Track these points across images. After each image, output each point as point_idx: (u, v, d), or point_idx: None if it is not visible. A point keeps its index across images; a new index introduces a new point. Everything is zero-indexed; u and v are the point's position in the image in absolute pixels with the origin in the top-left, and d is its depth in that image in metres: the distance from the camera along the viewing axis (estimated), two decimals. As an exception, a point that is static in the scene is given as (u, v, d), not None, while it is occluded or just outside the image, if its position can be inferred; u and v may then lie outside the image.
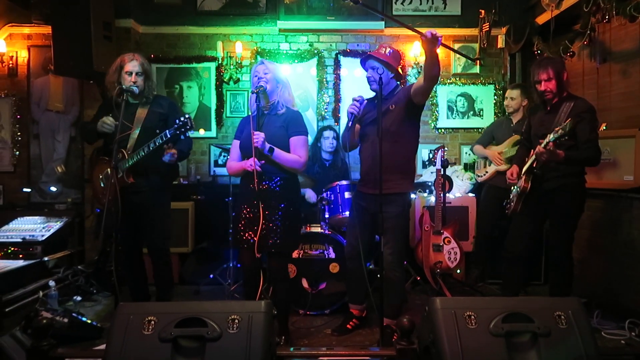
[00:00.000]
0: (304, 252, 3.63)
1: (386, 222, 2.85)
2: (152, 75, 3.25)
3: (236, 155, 3.03)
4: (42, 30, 4.82)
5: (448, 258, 3.91)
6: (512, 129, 4.18)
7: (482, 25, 4.76)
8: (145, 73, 3.14)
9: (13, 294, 3.27)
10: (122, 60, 3.12)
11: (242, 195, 2.96)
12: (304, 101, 5.03)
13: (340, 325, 3.31)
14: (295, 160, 2.89)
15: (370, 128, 3.00)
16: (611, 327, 3.27)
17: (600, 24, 3.71)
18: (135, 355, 1.61)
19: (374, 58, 2.97)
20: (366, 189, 3.08)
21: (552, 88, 3.03)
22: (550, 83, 3.02)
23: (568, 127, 2.72)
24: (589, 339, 1.65)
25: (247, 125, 2.93)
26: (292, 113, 2.97)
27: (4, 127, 4.95)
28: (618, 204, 3.56)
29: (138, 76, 3.09)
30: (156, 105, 3.20)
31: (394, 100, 2.99)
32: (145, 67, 3.14)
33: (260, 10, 4.98)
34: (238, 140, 3.03)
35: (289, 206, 2.90)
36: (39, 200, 4.94)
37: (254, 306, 1.73)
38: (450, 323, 1.65)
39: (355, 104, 2.92)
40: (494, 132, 4.34)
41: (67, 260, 4.18)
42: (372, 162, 2.93)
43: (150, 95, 3.19)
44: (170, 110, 3.22)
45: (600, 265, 3.78)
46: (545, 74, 3.02)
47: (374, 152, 2.89)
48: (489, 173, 4.26)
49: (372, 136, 2.93)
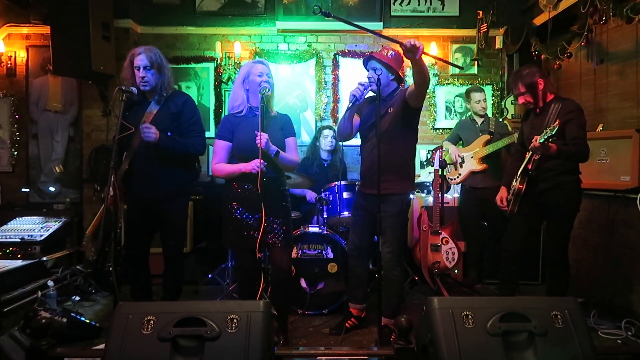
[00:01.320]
0: (302, 252, 3.64)
1: (385, 221, 2.87)
2: (165, 69, 2.97)
3: (223, 156, 2.87)
4: (41, 30, 4.82)
5: (446, 258, 3.92)
6: (479, 129, 4.29)
7: (480, 26, 4.78)
8: (155, 67, 2.92)
9: (12, 294, 3.27)
10: (132, 54, 2.95)
11: (238, 196, 2.86)
12: (302, 101, 5.04)
13: (338, 325, 3.32)
14: (294, 161, 2.94)
15: (371, 129, 3.02)
16: (608, 326, 3.29)
17: (598, 25, 3.73)
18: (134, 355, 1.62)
19: (376, 59, 2.99)
20: (365, 189, 3.12)
21: (529, 99, 3.13)
22: (526, 96, 3.12)
23: (555, 130, 2.78)
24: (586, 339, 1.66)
25: (238, 126, 2.86)
26: (284, 116, 3.01)
27: (2, 127, 4.95)
28: (615, 204, 3.58)
29: (146, 71, 2.89)
30: (171, 103, 2.99)
31: (392, 103, 3.01)
32: (154, 60, 2.91)
33: (258, 10, 4.99)
34: (224, 140, 2.87)
35: (285, 204, 2.95)
36: (37, 200, 4.94)
37: (252, 306, 1.74)
38: (447, 322, 1.66)
39: (359, 88, 2.91)
40: (460, 134, 4.40)
41: (65, 260, 4.18)
42: (371, 163, 2.96)
43: (164, 91, 2.96)
44: (184, 108, 3.01)
45: (597, 265, 3.79)
46: (516, 89, 3.15)
47: (372, 152, 2.93)
48: (462, 175, 4.31)
49: (373, 137, 2.96)
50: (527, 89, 3.08)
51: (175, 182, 3.05)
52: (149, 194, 3.01)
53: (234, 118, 2.90)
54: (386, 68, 2.97)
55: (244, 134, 2.83)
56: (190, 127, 3.03)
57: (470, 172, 4.25)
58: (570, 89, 4.31)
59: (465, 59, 5.05)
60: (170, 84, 3.02)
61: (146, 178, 2.99)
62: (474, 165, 4.22)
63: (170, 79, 3.03)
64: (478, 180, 4.21)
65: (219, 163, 2.88)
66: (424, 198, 4.57)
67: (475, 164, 4.20)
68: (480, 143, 4.21)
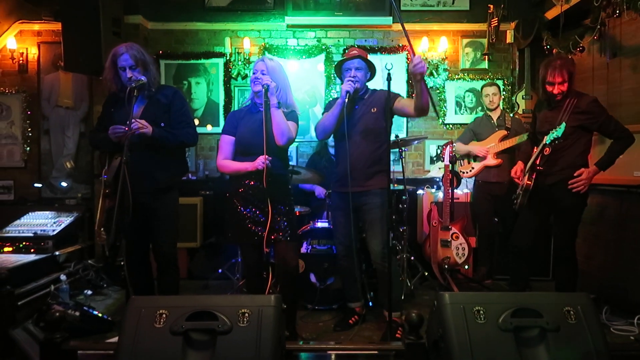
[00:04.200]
0: (312, 248, 3.64)
1: (370, 213, 2.96)
2: (150, 65, 2.89)
3: (228, 151, 2.91)
4: (52, 27, 4.86)
5: (456, 254, 3.91)
6: (495, 124, 4.26)
7: (490, 20, 4.74)
8: (140, 65, 2.83)
9: (25, 288, 3.31)
10: (113, 54, 2.84)
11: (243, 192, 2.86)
12: (311, 97, 5.04)
13: (341, 321, 3.34)
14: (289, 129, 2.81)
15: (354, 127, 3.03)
16: (620, 323, 3.27)
17: (611, 19, 3.69)
18: (146, 348, 1.63)
19: (364, 58, 3.05)
20: (345, 189, 3.00)
21: (565, 90, 3.06)
22: (564, 86, 3.05)
23: (562, 131, 2.80)
24: (599, 335, 1.65)
25: (241, 120, 2.89)
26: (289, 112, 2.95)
27: (14, 123, 5.00)
28: (628, 200, 3.54)
29: (132, 70, 2.80)
30: (160, 95, 2.94)
31: (374, 103, 3.06)
32: (139, 58, 2.82)
33: (268, 6, 4.99)
34: (228, 135, 2.91)
35: (290, 199, 2.95)
36: (49, 196, 4.99)
37: (264, 300, 1.75)
38: (459, 318, 1.66)
39: (350, 84, 2.92)
40: (475, 130, 4.37)
41: (77, 254, 4.23)
42: (356, 160, 2.99)
43: (152, 86, 2.90)
44: (174, 99, 2.96)
45: (609, 261, 3.76)
46: (560, 76, 3.03)
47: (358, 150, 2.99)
48: (475, 169, 4.28)
49: (355, 135, 3.01)
50: (569, 77, 3.03)
51: (167, 176, 2.96)
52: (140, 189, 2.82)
53: (239, 113, 2.96)
54: (368, 67, 3.08)
55: (246, 128, 2.87)
56: (180, 117, 2.97)
57: (484, 167, 4.22)
58: (582, 84, 4.26)
59: (476, 53, 5.01)
60: (157, 78, 2.98)
61: (137, 173, 2.82)
62: (489, 159, 4.19)
63: (156, 74, 2.97)
64: (492, 174, 4.19)
65: (225, 159, 2.91)
66: (434, 193, 4.55)
67: (490, 159, 4.18)
68: (496, 138, 4.18)
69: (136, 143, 2.81)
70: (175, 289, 3.04)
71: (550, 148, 3.01)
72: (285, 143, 2.79)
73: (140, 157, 2.84)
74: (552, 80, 3.05)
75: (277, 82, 2.83)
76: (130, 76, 2.80)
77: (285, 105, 2.90)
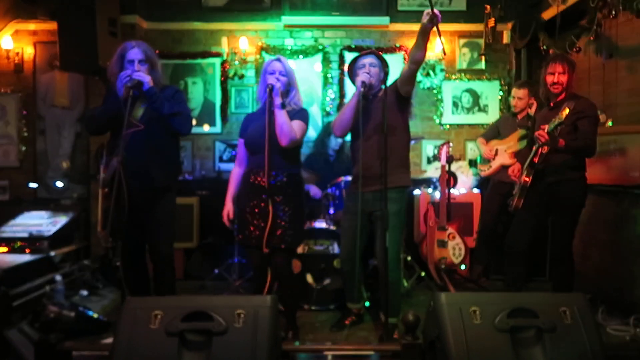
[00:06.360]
0: (308, 248, 3.64)
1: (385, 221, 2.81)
2: (158, 65, 2.93)
3: (242, 153, 2.99)
4: (48, 26, 4.82)
5: (452, 254, 3.91)
6: (517, 124, 4.20)
7: (487, 21, 4.73)
8: (150, 62, 2.87)
9: (20, 288, 3.29)
10: (123, 48, 2.86)
11: (247, 191, 2.91)
12: (308, 97, 5.03)
13: (338, 321, 3.32)
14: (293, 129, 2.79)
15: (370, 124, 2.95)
16: (616, 323, 3.26)
17: (607, 20, 3.68)
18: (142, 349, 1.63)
19: (377, 55, 3.01)
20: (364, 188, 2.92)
21: (563, 82, 3.07)
22: (563, 76, 3.06)
23: (564, 115, 2.79)
24: (594, 335, 1.65)
25: (251, 122, 2.95)
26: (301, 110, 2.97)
27: (10, 123, 4.97)
28: (624, 200, 3.55)
29: (141, 64, 2.82)
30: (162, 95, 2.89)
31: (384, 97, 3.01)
32: (149, 55, 2.86)
33: (264, 5, 4.98)
34: (241, 138, 3.00)
35: (295, 201, 2.91)
36: (45, 196, 4.96)
37: (260, 301, 1.75)
38: (455, 318, 1.66)
39: (366, 76, 2.86)
40: (500, 127, 4.35)
41: (73, 255, 4.21)
42: (373, 157, 2.86)
43: (157, 86, 2.88)
44: (175, 94, 2.98)
45: (606, 261, 3.77)
46: (561, 66, 3.06)
47: (372, 147, 2.87)
48: (493, 167, 4.25)
49: (373, 133, 2.92)
50: (569, 71, 3.05)
51: (163, 175, 2.94)
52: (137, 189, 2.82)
53: (252, 115, 3.05)
54: (382, 66, 3.00)
55: (252, 128, 2.90)
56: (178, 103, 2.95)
57: (501, 165, 4.20)
58: (579, 84, 4.25)
59: (473, 54, 5.02)
60: (162, 80, 2.99)
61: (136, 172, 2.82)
62: (506, 159, 4.17)
63: (162, 76, 3.00)
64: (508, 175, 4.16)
65: (240, 164, 3.02)
66: (431, 194, 4.55)
67: (507, 158, 4.16)
68: (515, 137, 4.14)
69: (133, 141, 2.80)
70: (171, 290, 3.03)
71: (549, 146, 3.00)
72: (288, 144, 2.77)
73: (136, 156, 2.82)
74: (552, 70, 3.08)
75: (292, 83, 2.88)
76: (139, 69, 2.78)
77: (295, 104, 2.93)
